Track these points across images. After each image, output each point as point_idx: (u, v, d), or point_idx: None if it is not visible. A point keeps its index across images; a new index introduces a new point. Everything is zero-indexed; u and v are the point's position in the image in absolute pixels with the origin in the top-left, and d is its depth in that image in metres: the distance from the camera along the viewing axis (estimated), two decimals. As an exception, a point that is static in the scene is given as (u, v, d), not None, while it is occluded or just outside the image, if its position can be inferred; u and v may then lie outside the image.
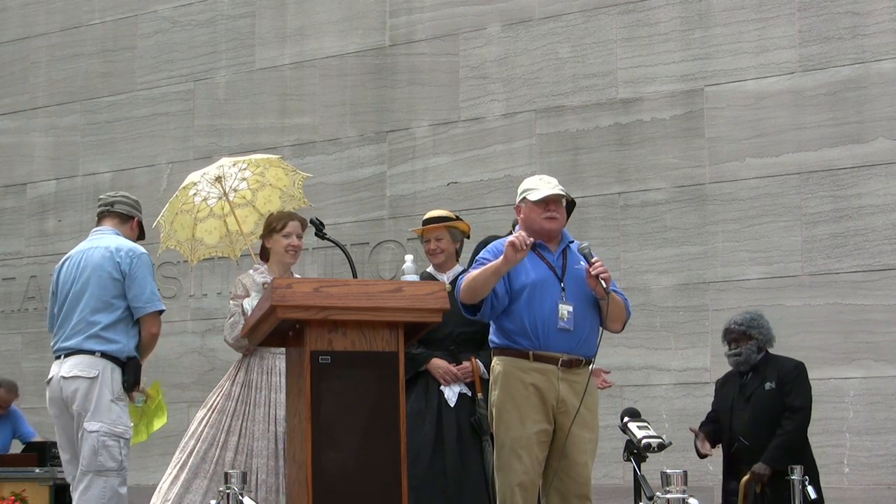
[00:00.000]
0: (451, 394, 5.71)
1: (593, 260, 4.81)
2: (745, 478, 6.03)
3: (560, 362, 4.80)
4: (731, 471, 6.24)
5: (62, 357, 5.33)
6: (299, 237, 5.67)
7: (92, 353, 5.26)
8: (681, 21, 8.02)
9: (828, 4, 7.62)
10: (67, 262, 5.52)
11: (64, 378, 5.27)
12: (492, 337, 4.99)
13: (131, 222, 5.61)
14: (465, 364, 5.69)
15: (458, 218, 6.02)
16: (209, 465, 5.37)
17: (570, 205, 5.09)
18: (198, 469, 5.37)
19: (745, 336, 6.28)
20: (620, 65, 8.15)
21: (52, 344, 5.51)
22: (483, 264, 4.84)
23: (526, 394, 4.80)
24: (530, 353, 4.82)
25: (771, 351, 6.37)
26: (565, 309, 4.80)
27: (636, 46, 8.12)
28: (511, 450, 4.80)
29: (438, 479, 5.57)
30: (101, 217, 5.64)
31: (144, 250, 5.49)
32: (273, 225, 5.68)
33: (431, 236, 5.88)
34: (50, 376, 5.39)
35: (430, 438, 5.61)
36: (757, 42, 7.77)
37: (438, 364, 5.70)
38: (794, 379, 6.20)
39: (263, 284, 5.48)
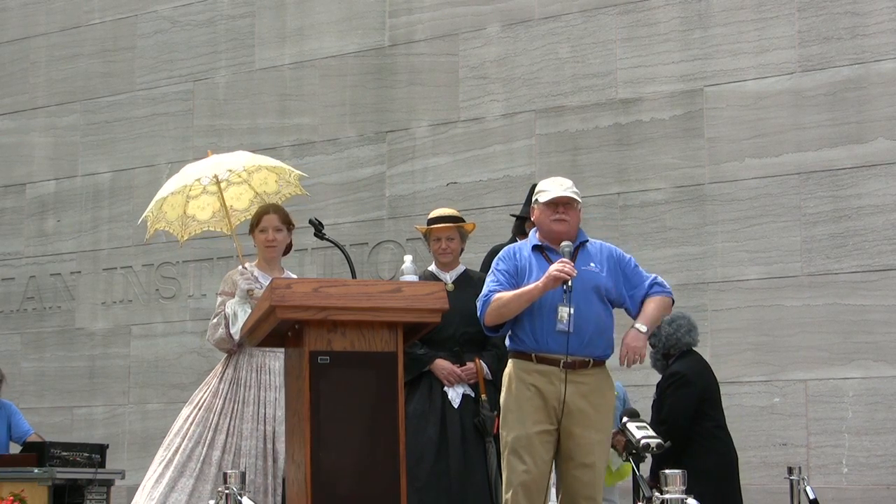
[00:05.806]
0: (454, 395, 5.67)
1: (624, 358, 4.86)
2: None
3: (562, 364, 4.80)
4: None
5: None
6: (277, 230, 5.48)
7: None
8: (680, 21, 8.01)
9: (828, 4, 7.61)
10: None
11: None
12: (506, 340, 5.04)
13: None
14: (469, 365, 5.66)
15: (462, 218, 5.99)
16: (195, 463, 5.24)
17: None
18: (184, 467, 5.23)
19: (651, 344, 6.17)
20: (620, 65, 8.15)
21: None
22: (501, 278, 4.90)
23: (528, 395, 4.81)
24: (533, 354, 4.86)
25: (697, 349, 6.26)
26: (564, 311, 4.78)
27: (636, 46, 8.12)
28: (512, 450, 4.81)
29: (442, 480, 5.53)
30: None
31: None
32: (252, 221, 5.55)
33: (443, 235, 5.79)
34: None
35: (433, 440, 5.57)
36: (757, 42, 7.76)
37: (442, 365, 5.67)
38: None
39: (249, 292, 5.29)
